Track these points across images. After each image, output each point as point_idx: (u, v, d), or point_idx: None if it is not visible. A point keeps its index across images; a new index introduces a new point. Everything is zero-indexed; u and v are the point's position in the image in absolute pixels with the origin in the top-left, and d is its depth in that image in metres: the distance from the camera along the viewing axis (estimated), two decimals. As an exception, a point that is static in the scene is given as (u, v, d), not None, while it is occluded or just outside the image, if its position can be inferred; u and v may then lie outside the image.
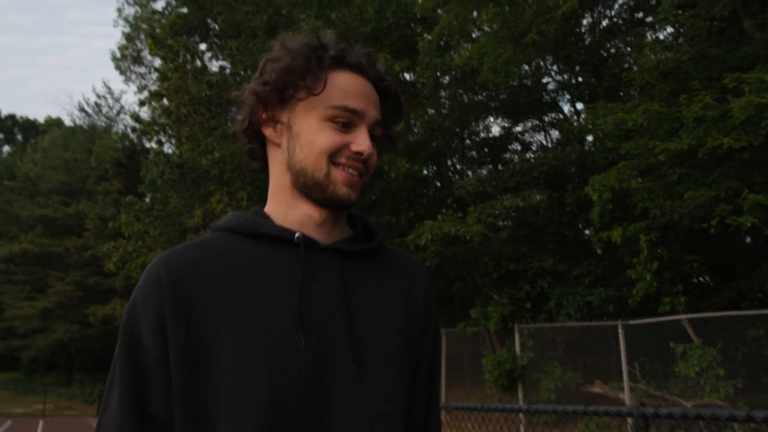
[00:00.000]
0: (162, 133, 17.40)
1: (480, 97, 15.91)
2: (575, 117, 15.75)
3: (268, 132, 1.14)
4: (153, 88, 18.84)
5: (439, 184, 17.22)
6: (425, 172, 15.14)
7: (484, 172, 17.34)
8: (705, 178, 8.65)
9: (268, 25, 14.80)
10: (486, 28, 12.13)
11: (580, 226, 13.96)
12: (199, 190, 14.85)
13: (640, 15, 13.36)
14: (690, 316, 9.92)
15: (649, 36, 12.53)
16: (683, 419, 2.53)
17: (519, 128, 18.72)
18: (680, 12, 8.36)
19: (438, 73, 12.99)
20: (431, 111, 14.47)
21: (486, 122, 17.58)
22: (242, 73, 14.34)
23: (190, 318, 1.00)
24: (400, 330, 1.11)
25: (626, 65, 12.81)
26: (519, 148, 19.30)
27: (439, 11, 12.36)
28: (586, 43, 13.44)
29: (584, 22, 13.19)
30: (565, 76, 15.45)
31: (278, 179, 1.14)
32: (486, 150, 18.81)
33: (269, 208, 1.15)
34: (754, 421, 2.18)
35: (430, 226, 12.11)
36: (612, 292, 11.84)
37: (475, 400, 12.92)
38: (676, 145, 8.12)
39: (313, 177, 1.09)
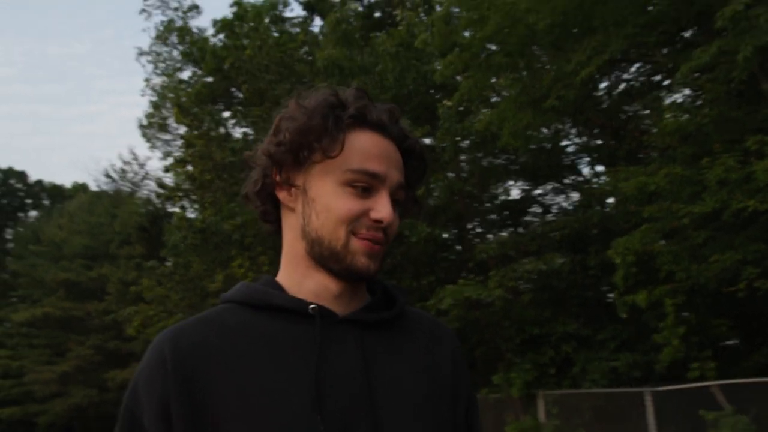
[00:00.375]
0: (185, 198, 17.65)
1: (500, 160, 16.01)
2: (596, 179, 15.76)
3: (281, 195, 1.07)
4: (177, 154, 19.25)
5: (459, 247, 17.18)
6: (445, 235, 15.13)
7: (505, 234, 17.29)
8: (731, 241, 8.53)
9: (291, 92, 15.10)
10: (505, 93, 12.31)
11: (604, 289, 13.76)
12: (220, 255, 14.94)
13: (658, 78, 13.49)
14: (720, 382, 9.65)
15: (667, 99, 12.62)
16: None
17: (539, 191, 18.75)
18: (698, 75, 8.44)
19: (458, 138, 13.13)
20: (451, 175, 14.56)
21: (505, 185, 17.62)
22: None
23: (197, 402, 0.92)
24: (428, 402, 1.01)
25: (644, 127, 12.86)
26: (539, 210, 19.29)
27: (458, 78, 12.57)
28: (605, 106, 13.56)
29: (601, 85, 13.33)
30: (584, 139, 15.53)
31: (292, 246, 1.06)
32: (506, 213, 18.78)
33: (282, 277, 1.07)
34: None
35: (451, 290, 12.03)
36: (638, 357, 11.58)
37: (500, 470, 12.53)
38: (700, 208, 8.05)
39: (330, 246, 1.00)
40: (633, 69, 13.07)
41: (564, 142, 15.70)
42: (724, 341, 11.70)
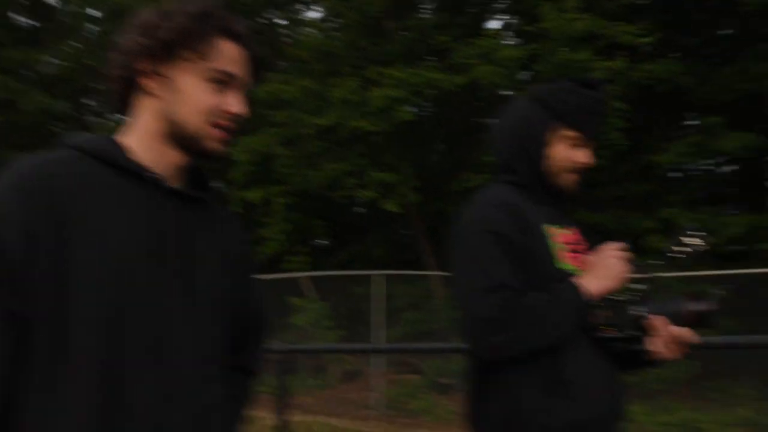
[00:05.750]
0: None
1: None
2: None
3: (146, 82, 1.19)
4: None
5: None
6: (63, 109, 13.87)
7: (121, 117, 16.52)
8: (343, 154, 9.77)
9: None
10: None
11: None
12: None
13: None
14: (310, 274, 11.07)
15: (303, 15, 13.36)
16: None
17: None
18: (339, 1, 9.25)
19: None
20: (76, 44, 13.29)
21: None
22: None
23: (56, 226, 1.08)
24: (222, 268, 1.27)
25: (282, 38, 13.49)
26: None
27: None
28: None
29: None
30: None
31: (147, 124, 1.20)
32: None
33: (131, 142, 1.21)
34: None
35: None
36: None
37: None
38: (324, 120, 9.05)
39: (189, 131, 1.18)
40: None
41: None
42: (317, 239, 13.35)
